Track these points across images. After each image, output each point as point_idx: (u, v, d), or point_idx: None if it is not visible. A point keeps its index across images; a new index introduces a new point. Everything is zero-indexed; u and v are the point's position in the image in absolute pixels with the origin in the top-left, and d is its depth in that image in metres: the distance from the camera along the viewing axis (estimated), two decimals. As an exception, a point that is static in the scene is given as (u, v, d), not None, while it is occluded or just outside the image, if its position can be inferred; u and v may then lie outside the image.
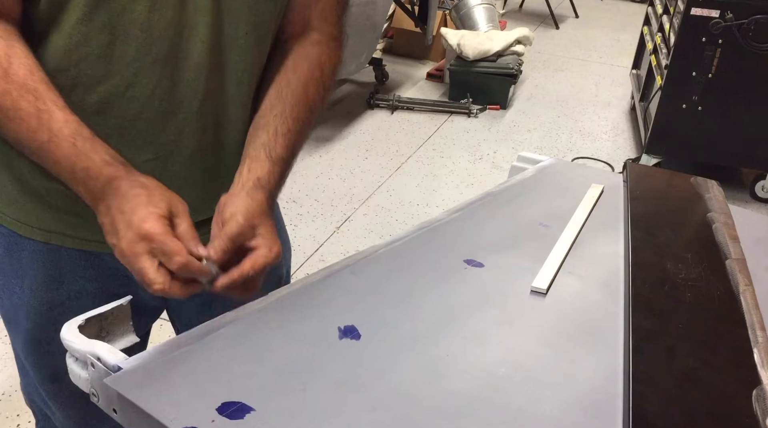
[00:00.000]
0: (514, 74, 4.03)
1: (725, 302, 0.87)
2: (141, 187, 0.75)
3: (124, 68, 0.83)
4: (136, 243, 0.73)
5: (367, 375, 0.72)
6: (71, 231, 0.93)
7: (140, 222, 0.73)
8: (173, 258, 0.72)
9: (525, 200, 1.12)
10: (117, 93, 0.84)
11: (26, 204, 0.92)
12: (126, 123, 0.86)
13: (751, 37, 2.89)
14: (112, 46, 0.81)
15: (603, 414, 0.70)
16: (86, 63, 0.82)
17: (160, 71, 0.84)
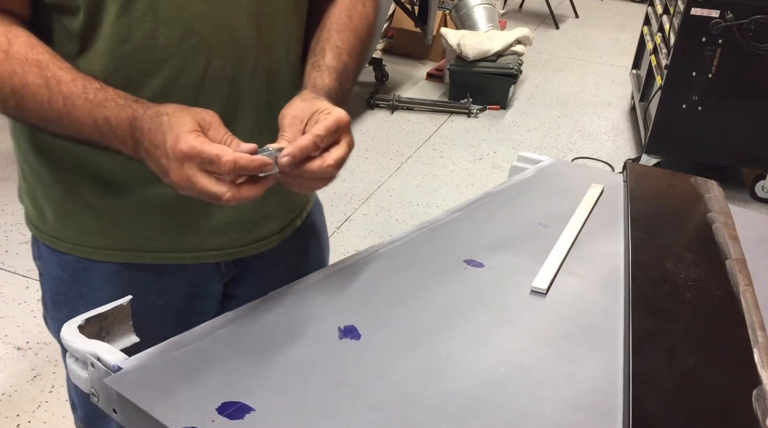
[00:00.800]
0: (514, 74, 4.03)
1: (725, 302, 0.87)
2: (161, 115, 0.72)
3: (172, 55, 0.81)
4: (181, 168, 0.70)
5: (367, 375, 0.72)
6: (144, 245, 0.92)
7: (174, 145, 0.70)
8: (220, 162, 0.68)
9: (525, 200, 1.12)
10: (170, 83, 0.82)
11: (98, 228, 0.91)
12: None
13: (751, 37, 2.89)
14: (156, 34, 0.79)
15: (603, 414, 0.70)
16: (134, 58, 0.80)
17: (208, 51, 0.82)
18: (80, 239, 0.92)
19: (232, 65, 0.84)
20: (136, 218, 0.90)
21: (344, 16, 0.92)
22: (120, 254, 0.92)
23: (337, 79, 0.86)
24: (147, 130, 0.73)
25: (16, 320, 2.22)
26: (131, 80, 0.81)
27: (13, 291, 2.35)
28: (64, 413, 1.90)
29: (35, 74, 0.75)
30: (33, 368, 2.04)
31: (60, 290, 0.96)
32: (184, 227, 0.91)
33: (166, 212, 0.89)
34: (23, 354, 2.09)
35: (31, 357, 2.08)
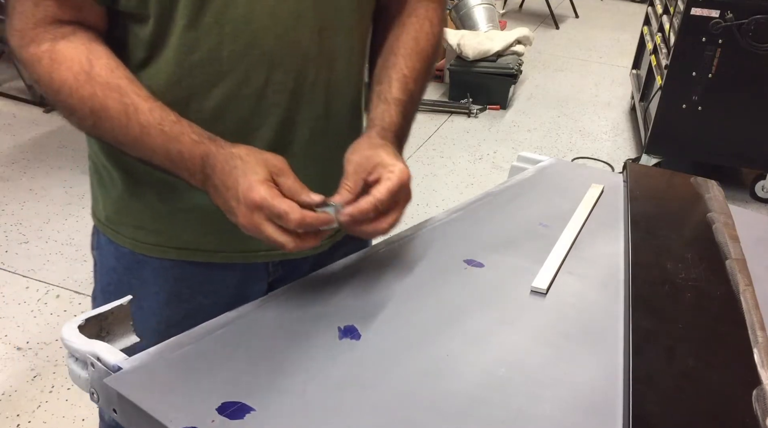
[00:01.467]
0: (514, 74, 4.03)
1: (725, 302, 0.87)
2: (234, 158, 0.75)
3: (236, 66, 0.83)
4: (251, 214, 0.73)
5: (367, 375, 0.72)
6: (198, 244, 0.94)
7: (246, 193, 0.73)
8: (288, 218, 0.72)
9: (525, 200, 1.12)
10: (231, 94, 0.84)
11: (155, 226, 0.93)
12: (243, 123, 0.86)
13: (751, 37, 2.89)
14: (221, 47, 0.81)
15: (603, 414, 0.70)
16: (199, 69, 0.82)
17: (269, 63, 0.84)
18: (137, 234, 0.95)
19: (293, 77, 0.86)
20: (192, 219, 0.92)
21: (411, 39, 0.93)
22: (174, 252, 0.94)
23: (404, 114, 0.88)
24: (219, 169, 0.76)
25: (16, 320, 2.22)
26: (195, 90, 0.83)
27: (13, 291, 2.35)
28: (64, 413, 1.90)
29: (115, 100, 0.77)
30: (33, 368, 2.04)
31: (112, 281, 0.99)
32: (236, 230, 0.92)
33: (220, 215, 0.89)
34: (23, 354, 2.09)
35: (31, 357, 2.08)
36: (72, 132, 3.72)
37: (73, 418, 1.89)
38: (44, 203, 2.86)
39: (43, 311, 2.27)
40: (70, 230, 2.70)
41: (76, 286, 2.38)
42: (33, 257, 2.52)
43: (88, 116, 0.78)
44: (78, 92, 0.77)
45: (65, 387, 1.98)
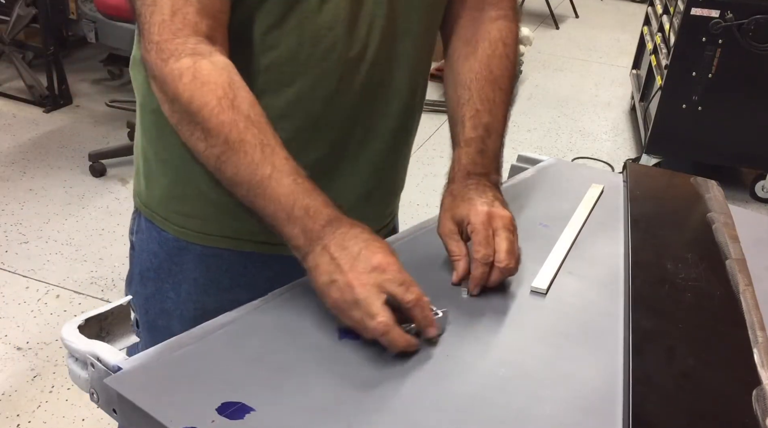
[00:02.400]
0: (514, 74, 4.03)
1: (725, 302, 0.87)
2: (362, 230, 0.75)
3: (311, 69, 0.84)
4: (367, 273, 0.71)
5: (367, 375, 0.72)
6: (248, 235, 0.94)
7: (372, 254, 0.72)
8: (410, 289, 0.71)
9: (525, 200, 1.12)
10: (303, 95, 0.85)
11: (207, 214, 0.93)
12: (308, 124, 0.87)
13: (751, 37, 2.89)
14: (301, 48, 0.82)
15: (603, 414, 0.70)
16: (276, 67, 0.83)
17: (343, 68, 0.85)
18: (185, 222, 0.95)
19: (361, 81, 0.88)
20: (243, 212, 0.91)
21: (484, 67, 0.93)
22: (220, 240, 0.95)
23: (479, 150, 0.90)
24: (343, 232, 0.74)
25: (16, 320, 2.22)
26: (269, 87, 0.84)
27: (13, 291, 2.35)
28: (64, 413, 1.90)
29: (253, 135, 0.75)
30: (33, 368, 2.04)
31: (152, 267, 0.99)
32: None
33: None
34: (23, 354, 2.09)
35: (31, 357, 2.08)
36: (72, 132, 3.71)
37: (73, 418, 1.89)
38: (44, 203, 2.86)
39: (43, 312, 2.27)
40: (70, 230, 2.70)
41: (76, 286, 2.38)
42: (33, 257, 2.52)
43: (221, 144, 0.75)
44: (218, 118, 0.74)
45: (65, 387, 1.98)
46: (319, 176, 0.85)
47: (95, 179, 3.06)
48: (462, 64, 0.94)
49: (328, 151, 0.91)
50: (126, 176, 3.07)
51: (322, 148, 0.91)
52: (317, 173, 0.86)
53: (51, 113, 3.59)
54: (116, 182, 3.05)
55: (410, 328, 0.77)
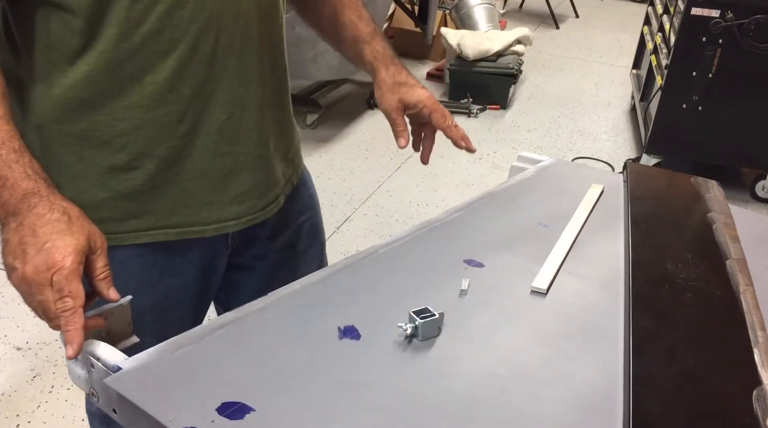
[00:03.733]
0: (514, 74, 4.03)
1: (725, 302, 0.87)
2: (61, 212, 0.73)
3: (185, 33, 0.84)
4: (43, 272, 0.70)
5: (367, 375, 0.72)
6: (168, 222, 0.94)
7: (53, 251, 0.70)
8: (64, 300, 0.69)
9: (525, 200, 1.12)
10: (183, 61, 0.85)
11: (122, 213, 0.92)
12: (197, 89, 0.87)
13: (752, 37, 2.89)
14: (170, 15, 0.82)
15: (603, 414, 0.70)
16: (149, 41, 0.82)
17: (217, 27, 0.85)
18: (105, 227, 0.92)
19: (239, 39, 0.88)
20: (159, 199, 0.92)
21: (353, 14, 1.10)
22: (145, 236, 0.94)
23: (383, 40, 1.11)
24: (39, 214, 0.72)
25: (16, 320, 2.22)
26: (148, 63, 0.83)
27: (13, 291, 2.33)
28: (64, 413, 1.90)
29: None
30: (32, 368, 2.04)
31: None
32: (206, 201, 0.95)
33: (187, 190, 0.93)
34: (23, 354, 2.09)
35: (31, 357, 2.08)
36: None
37: (72, 418, 1.89)
38: (44, 203, 2.86)
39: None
40: (70, 230, 2.69)
41: (76, 286, 2.38)
42: (33, 257, 2.52)
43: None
44: None
45: (65, 387, 1.98)
46: (228, 140, 0.91)
47: (95, 179, 3.06)
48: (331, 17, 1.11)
49: (227, 116, 0.91)
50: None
51: (224, 110, 0.90)
52: (226, 138, 0.90)
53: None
54: (116, 182, 3.05)
55: (408, 328, 0.77)
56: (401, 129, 1.10)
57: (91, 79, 0.83)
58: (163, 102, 0.85)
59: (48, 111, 0.85)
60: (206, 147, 0.91)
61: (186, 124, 0.88)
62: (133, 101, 0.85)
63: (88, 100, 0.84)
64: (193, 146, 0.90)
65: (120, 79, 0.83)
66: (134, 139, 0.86)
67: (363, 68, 1.13)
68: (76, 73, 0.82)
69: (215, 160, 0.92)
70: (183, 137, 0.89)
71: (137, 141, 0.87)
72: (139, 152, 0.88)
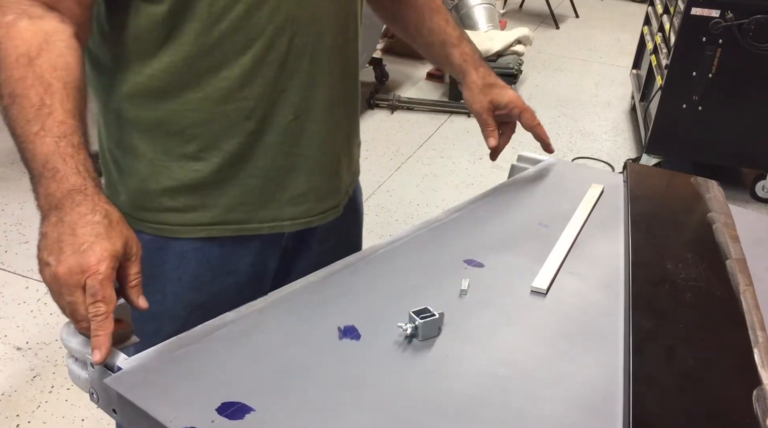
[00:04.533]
0: (514, 74, 4.03)
1: (725, 302, 0.87)
2: (103, 215, 0.73)
3: (262, 33, 0.86)
4: (77, 274, 0.70)
5: (367, 375, 0.72)
6: (226, 218, 0.95)
7: (90, 254, 0.70)
8: (97, 305, 0.69)
9: (525, 200, 1.12)
10: (258, 60, 0.87)
11: (185, 203, 0.94)
12: (268, 88, 0.89)
13: (752, 37, 2.89)
14: (249, 14, 0.84)
15: (603, 414, 0.70)
16: (227, 38, 0.85)
17: (293, 29, 0.88)
18: (163, 217, 0.95)
19: (312, 42, 0.90)
20: (220, 194, 0.94)
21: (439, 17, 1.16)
22: (202, 230, 0.95)
23: (470, 43, 1.16)
24: (81, 213, 0.72)
25: (16, 320, 2.22)
26: (225, 59, 0.86)
27: (13, 291, 2.35)
28: (64, 413, 1.90)
29: (37, 94, 0.76)
30: (33, 368, 2.04)
31: None
32: (264, 200, 0.97)
33: (248, 187, 0.95)
34: (23, 354, 2.09)
35: (31, 357, 2.08)
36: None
37: (72, 418, 1.89)
38: (44, 203, 2.86)
39: (42, 312, 2.27)
40: (70, 230, 2.69)
41: (76, 286, 2.38)
42: (33, 257, 2.50)
43: (6, 96, 0.77)
44: (9, 71, 0.76)
45: (65, 387, 1.98)
46: (292, 140, 0.92)
47: (95, 179, 3.06)
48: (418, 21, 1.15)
49: (293, 118, 0.93)
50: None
51: (290, 111, 0.92)
52: (290, 138, 0.92)
53: (51, 112, 3.59)
54: (116, 182, 3.05)
55: (408, 328, 0.77)
56: (491, 129, 1.14)
57: (171, 70, 0.86)
58: (234, 98, 0.88)
59: (128, 98, 0.89)
60: (270, 146, 0.93)
61: (253, 121, 0.91)
62: (206, 95, 0.87)
63: (165, 90, 0.87)
64: (258, 144, 0.92)
65: (197, 73, 0.86)
66: (204, 131, 0.89)
67: (451, 71, 1.18)
68: (157, 63, 0.86)
69: (277, 159, 0.94)
70: (250, 135, 0.91)
71: (206, 134, 0.89)
72: (207, 145, 0.91)
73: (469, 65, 1.14)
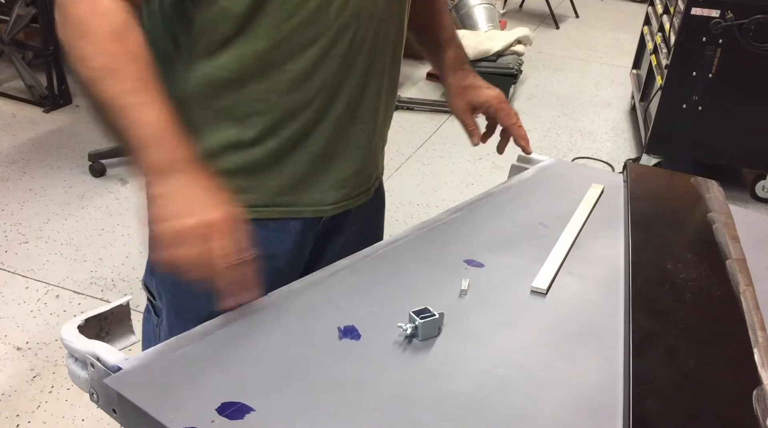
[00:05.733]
0: (514, 74, 4.03)
1: (725, 302, 0.87)
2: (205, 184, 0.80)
3: (329, 29, 0.89)
4: (205, 227, 0.76)
5: (367, 375, 0.72)
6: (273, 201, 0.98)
7: (223, 207, 0.78)
8: (241, 248, 0.77)
9: (525, 200, 1.12)
10: (323, 53, 0.90)
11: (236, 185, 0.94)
12: (329, 80, 0.93)
13: (752, 37, 2.89)
14: (319, 11, 0.87)
15: (603, 414, 0.70)
16: (297, 32, 0.88)
17: (356, 25, 0.91)
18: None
19: (371, 37, 0.94)
20: (271, 177, 0.97)
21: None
22: (255, 212, 0.97)
23: (458, 46, 1.21)
24: (200, 177, 0.80)
25: (16, 320, 2.22)
26: (291, 53, 0.89)
27: (13, 291, 2.35)
28: (64, 413, 1.90)
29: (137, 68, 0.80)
30: (32, 368, 2.04)
31: None
32: (309, 184, 1.00)
33: (296, 171, 0.98)
34: (23, 354, 2.09)
35: (31, 357, 2.08)
36: (72, 132, 3.71)
37: (72, 418, 1.89)
38: (44, 203, 2.86)
39: (42, 312, 2.27)
40: (70, 230, 2.69)
41: (76, 286, 2.38)
42: (32, 257, 2.52)
43: (99, 68, 0.79)
44: (104, 46, 0.79)
45: (65, 387, 1.98)
46: (342, 129, 0.97)
47: (95, 179, 3.06)
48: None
49: (344, 108, 0.96)
50: (126, 176, 3.07)
51: (342, 101, 0.95)
52: (341, 127, 0.96)
53: (51, 112, 3.59)
54: (116, 182, 3.05)
55: (408, 328, 0.77)
56: (471, 129, 1.20)
57: (240, 61, 0.88)
58: (297, 89, 0.91)
59: (195, 86, 0.91)
60: (322, 133, 0.96)
61: (311, 110, 0.93)
62: (271, 85, 0.90)
63: (232, 80, 0.89)
64: (313, 132, 0.95)
65: (264, 65, 0.88)
66: (265, 119, 0.92)
67: (439, 74, 1.24)
68: (226, 55, 0.88)
69: (327, 145, 0.97)
70: (305, 123, 0.94)
71: (267, 121, 0.92)
72: (265, 131, 0.93)
73: (449, 69, 1.19)
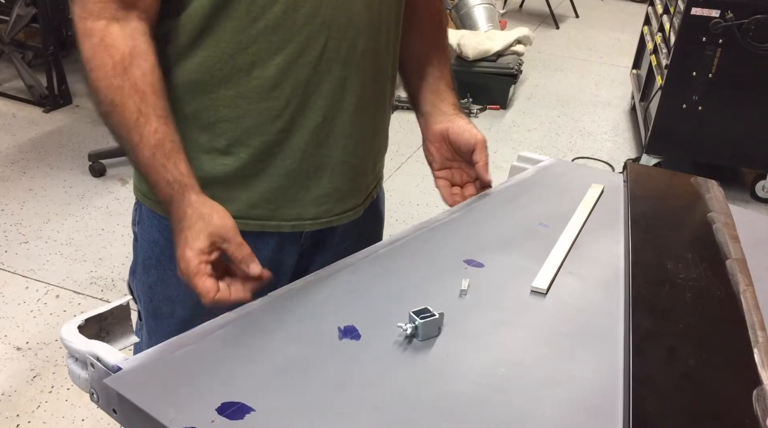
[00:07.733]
0: (514, 74, 4.03)
1: (725, 302, 0.87)
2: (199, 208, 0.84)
3: (297, 35, 0.87)
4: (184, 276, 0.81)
5: (367, 375, 0.72)
6: (249, 213, 0.97)
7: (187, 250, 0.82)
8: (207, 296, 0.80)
9: (525, 200, 1.12)
10: (291, 61, 0.88)
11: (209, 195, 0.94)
12: (299, 90, 0.91)
13: (752, 37, 2.89)
14: (286, 15, 0.86)
15: (603, 414, 0.70)
16: (263, 37, 0.86)
17: (327, 33, 0.89)
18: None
19: (346, 47, 0.91)
20: (245, 189, 0.96)
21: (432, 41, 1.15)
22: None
23: (449, 85, 1.21)
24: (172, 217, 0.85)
25: (16, 320, 2.22)
26: (259, 58, 0.87)
27: (13, 291, 2.35)
28: (64, 413, 1.90)
29: (134, 103, 0.83)
30: (32, 368, 2.04)
31: (153, 254, 1.02)
32: (287, 198, 0.98)
33: (272, 185, 0.97)
34: (23, 354, 2.09)
35: (31, 357, 2.08)
36: (72, 132, 3.71)
37: (72, 418, 1.89)
38: (44, 203, 2.86)
39: (42, 312, 2.27)
40: (70, 230, 2.70)
41: (76, 286, 2.38)
42: (33, 257, 2.52)
43: (107, 104, 0.83)
44: (108, 80, 0.83)
45: (65, 387, 1.98)
46: (318, 142, 0.93)
47: (95, 179, 3.06)
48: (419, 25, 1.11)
49: (321, 120, 0.94)
50: (125, 176, 3.07)
51: (318, 113, 0.93)
52: (316, 140, 0.93)
53: (51, 112, 3.59)
54: (116, 181, 3.05)
55: (408, 328, 0.77)
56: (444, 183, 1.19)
57: (206, 65, 0.88)
58: (265, 97, 0.89)
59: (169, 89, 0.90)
60: (297, 146, 0.94)
61: (282, 121, 0.92)
62: (239, 92, 0.89)
63: (199, 84, 0.89)
64: (286, 144, 0.94)
65: (231, 69, 0.88)
66: (234, 127, 0.91)
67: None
68: (193, 58, 0.88)
69: (303, 160, 0.95)
70: (277, 134, 0.93)
71: (236, 129, 0.91)
72: (236, 140, 0.93)
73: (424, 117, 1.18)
